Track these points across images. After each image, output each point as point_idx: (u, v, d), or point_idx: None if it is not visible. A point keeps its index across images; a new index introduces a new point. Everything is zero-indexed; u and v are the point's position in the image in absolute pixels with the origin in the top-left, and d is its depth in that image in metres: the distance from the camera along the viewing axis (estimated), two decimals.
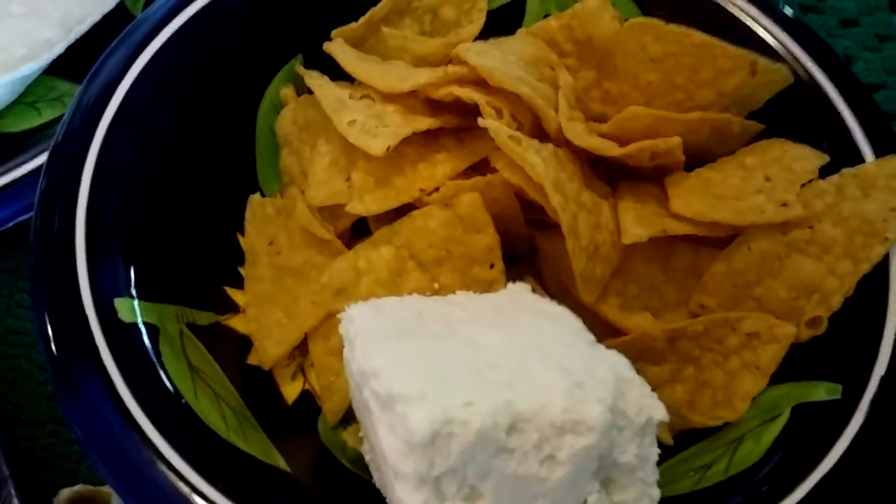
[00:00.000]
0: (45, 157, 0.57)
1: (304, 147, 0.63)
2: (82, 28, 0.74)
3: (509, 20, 0.67)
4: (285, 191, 0.64)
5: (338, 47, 0.63)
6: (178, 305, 0.56)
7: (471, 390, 0.41)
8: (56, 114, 0.72)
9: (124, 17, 0.73)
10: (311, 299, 0.58)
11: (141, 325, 0.53)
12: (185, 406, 0.51)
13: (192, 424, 0.51)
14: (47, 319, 0.52)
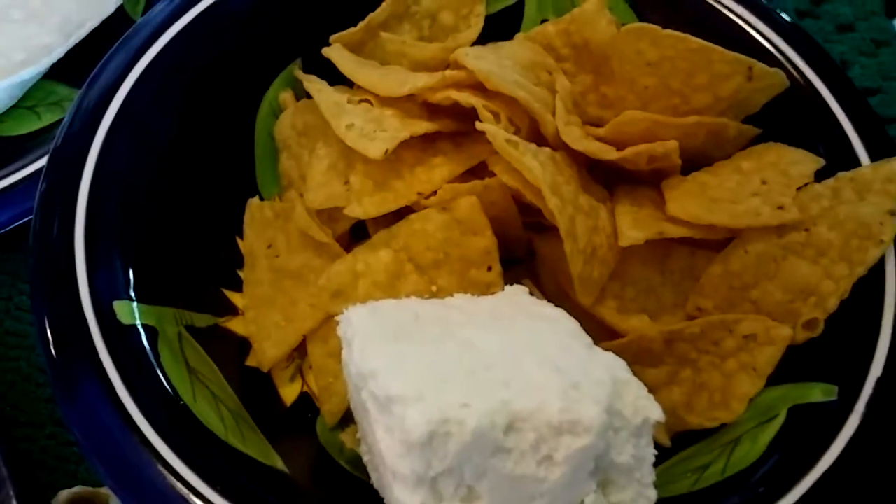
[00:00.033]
0: (45, 160, 0.57)
1: (302, 151, 0.63)
2: (81, 33, 0.74)
3: (507, 25, 0.67)
4: (284, 194, 0.64)
5: (336, 52, 0.63)
6: (177, 308, 0.56)
7: (468, 391, 0.41)
8: (56, 118, 0.72)
9: (123, 22, 0.73)
10: (309, 302, 0.58)
11: (140, 327, 0.53)
12: (184, 408, 0.51)
13: (191, 426, 0.51)
14: (47, 322, 0.52)
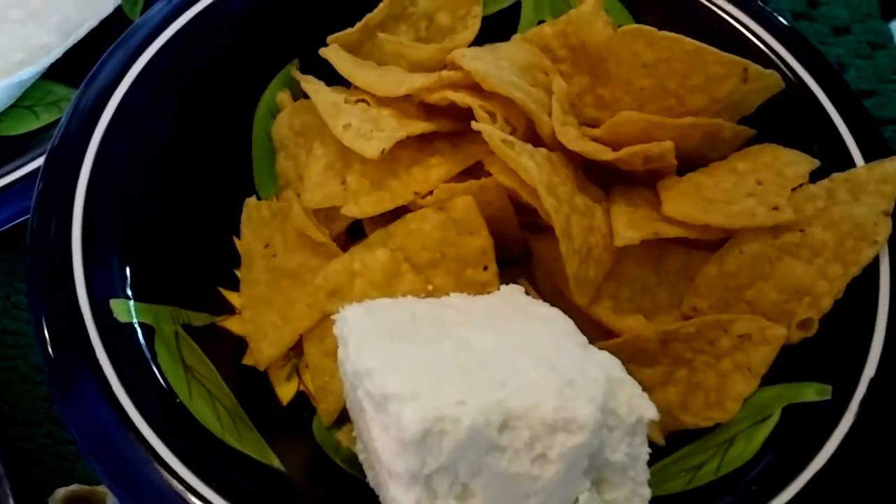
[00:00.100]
0: (43, 160, 0.57)
1: (300, 151, 0.63)
2: (80, 33, 0.74)
3: (504, 26, 0.68)
4: (281, 194, 0.64)
5: (334, 52, 0.63)
6: (174, 306, 0.56)
7: (463, 389, 0.41)
8: (53, 118, 0.72)
9: (122, 22, 0.73)
10: (306, 301, 0.58)
11: (136, 325, 0.53)
12: (180, 406, 0.51)
13: (187, 424, 0.51)
14: (44, 321, 0.52)
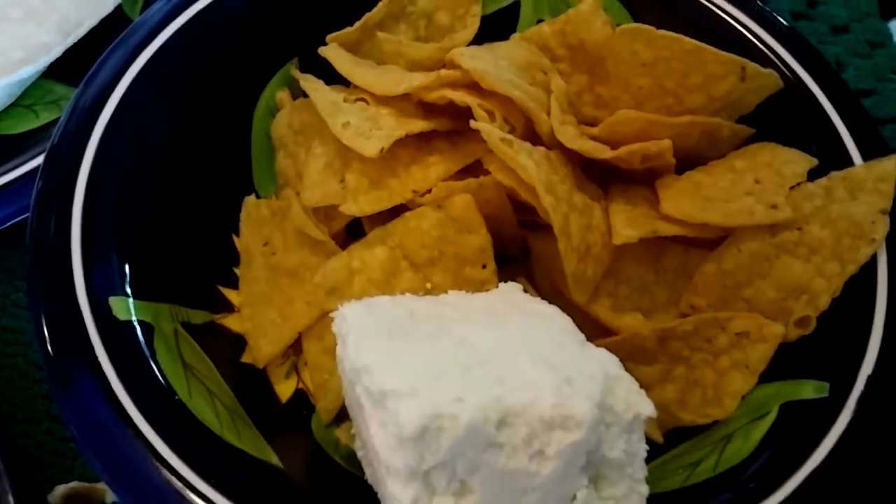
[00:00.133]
0: (42, 158, 0.57)
1: (299, 150, 0.63)
2: (79, 32, 0.74)
3: (503, 25, 0.68)
4: (280, 192, 0.64)
5: (333, 51, 0.63)
6: (173, 304, 0.56)
7: (461, 386, 0.42)
8: (53, 116, 0.72)
9: (121, 22, 0.73)
10: (305, 299, 0.58)
11: (136, 323, 0.53)
12: (179, 403, 0.51)
13: (186, 421, 0.51)
14: (43, 318, 0.52)
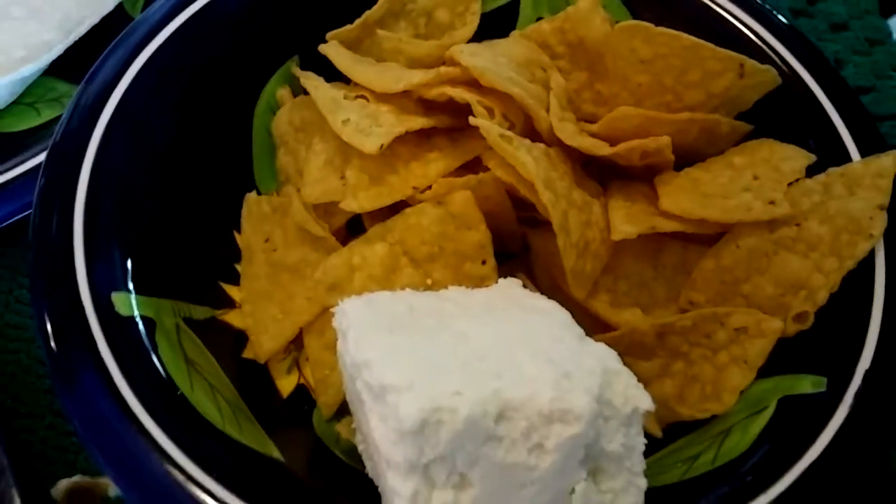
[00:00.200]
0: (44, 156, 0.57)
1: (299, 146, 0.63)
2: (81, 30, 0.75)
3: (503, 23, 0.68)
4: (281, 189, 0.64)
5: (333, 49, 0.63)
6: (175, 300, 0.57)
7: (460, 381, 0.42)
8: (55, 114, 0.73)
9: (123, 20, 0.74)
10: (306, 295, 0.58)
11: (138, 318, 0.53)
12: (181, 398, 0.51)
13: (189, 415, 0.51)
14: (46, 314, 0.52)
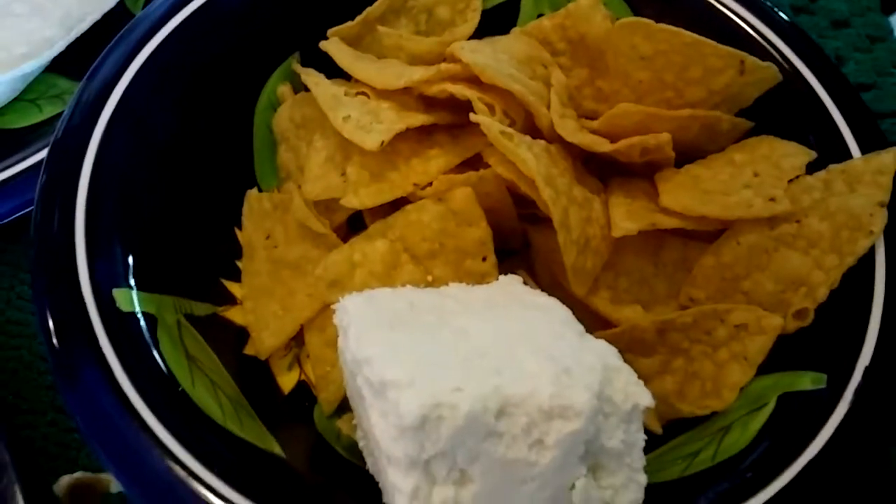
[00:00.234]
0: (46, 152, 0.58)
1: (300, 143, 0.63)
2: (83, 27, 0.75)
3: (504, 20, 0.68)
4: (282, 186, 0.64)
5: (334, 45, 0.63)
6: (176, 296, 0.57)
7: (460, 377, 0.42)
8: (56, 110, 0.73)
9: (124, 16, 0.74)
10: (307, 292, 0.58)
11: (139, 314, 0.53)
12: (183, 394, 0.51)
13: (190, 411, 0.51)
14: (48, 311, 0.52)
